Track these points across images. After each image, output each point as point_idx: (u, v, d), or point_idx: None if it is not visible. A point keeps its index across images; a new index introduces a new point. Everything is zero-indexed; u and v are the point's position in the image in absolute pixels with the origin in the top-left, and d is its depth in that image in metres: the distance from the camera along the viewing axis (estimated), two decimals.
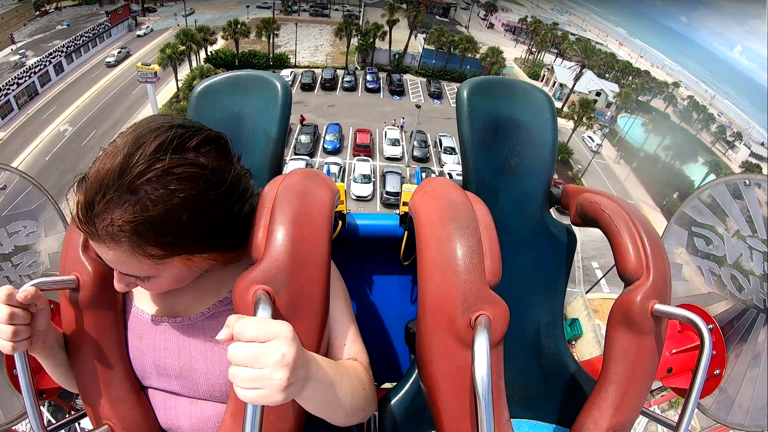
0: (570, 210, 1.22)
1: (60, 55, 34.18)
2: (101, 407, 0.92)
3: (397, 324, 1.65)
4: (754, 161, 38.35)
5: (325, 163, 24.74)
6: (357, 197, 23.21)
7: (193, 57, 33.60)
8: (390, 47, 40.28)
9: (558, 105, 37.61)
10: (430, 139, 29.49)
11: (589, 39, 53.37)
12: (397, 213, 1.40)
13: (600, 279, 20.32)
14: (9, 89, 28.67)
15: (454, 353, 0.83)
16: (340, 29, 38.43)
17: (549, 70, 45.05)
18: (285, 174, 0.96)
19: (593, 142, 35.41)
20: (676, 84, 48.22)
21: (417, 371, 1.01)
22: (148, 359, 0.93)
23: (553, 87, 42.09)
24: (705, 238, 1.33)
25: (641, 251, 0.93)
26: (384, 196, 23.24)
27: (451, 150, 27.67)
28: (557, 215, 1.34)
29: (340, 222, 1.33)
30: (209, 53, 36.17)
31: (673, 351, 1.28)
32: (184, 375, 0.91)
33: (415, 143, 27.87)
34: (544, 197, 1.27)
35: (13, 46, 34.56)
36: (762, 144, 41.46)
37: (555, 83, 42.47)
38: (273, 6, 47.88)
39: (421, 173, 24.75)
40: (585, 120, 32.57)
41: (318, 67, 38.42)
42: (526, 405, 1.26)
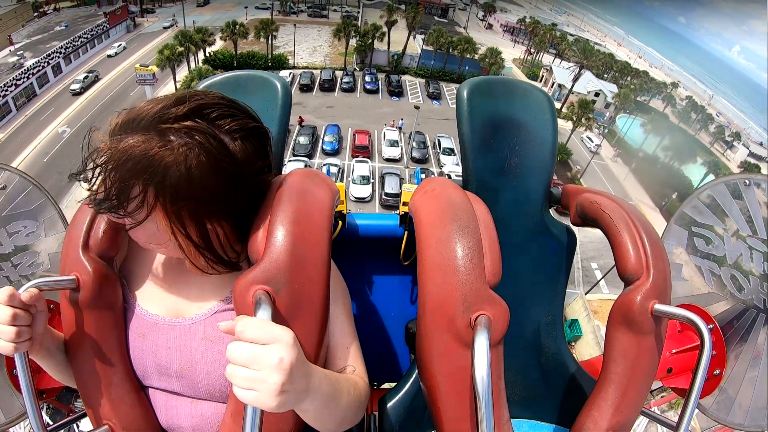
0: (570, 210, 1.22)
1: (58, 57, 34.08)
2: (101, 407, 0.92)
3: (397, 324, 1.65)
4: (752, 161, 38.41)
5: (324, 165, 24.70)
6: (356, 198, 23.17)
7: (192, 58, 33.56)
8: (389, 48, 40.31)
9: (557, 106, 37.64)
10: (428, 140, 29.47)
11: (588, 39, 53.44)
12: (397, 213, 1.40)
13: (599, 280, 20.32)
14: (7, 91, 28.57)
15: (454, 353, 0.83)
16: (338, 30, 38.42)
17: (548, 70, 45.07)
18: (285, 174, 0.96)
19: (592, 142, 35.44)
20: (674, 84, 48.29)
21: (417, 371, 1.01)
22: (149, 359, 0.93)
23: (552, 88, 42.11)
24: (705, 238, 1.33)
25: (641, 251, 0.93)
26: (383, 197, 23.22)
27: (450, 151, 27.66)
28: (557, 215, 1.34)
29: (340, 222, 1.34)
30: (208, 54, 36.13)
31: (673, 351, 1.28)
32: (184, 375, 0.91)
33: (414, 144, 27.85)
34: (544, 197, 1.27)
35: (12, 47, 34.46)
36: (761, 144, 41.54)
37: (553, 84, 42.50)
38: (272, 7, 47.93)
39: (421, 173, 24.73)
40: (584, 121, 32.60)
41: (316, 68, 38.41)
42: (526, 405, 1.26)
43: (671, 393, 1.43)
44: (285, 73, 34.67)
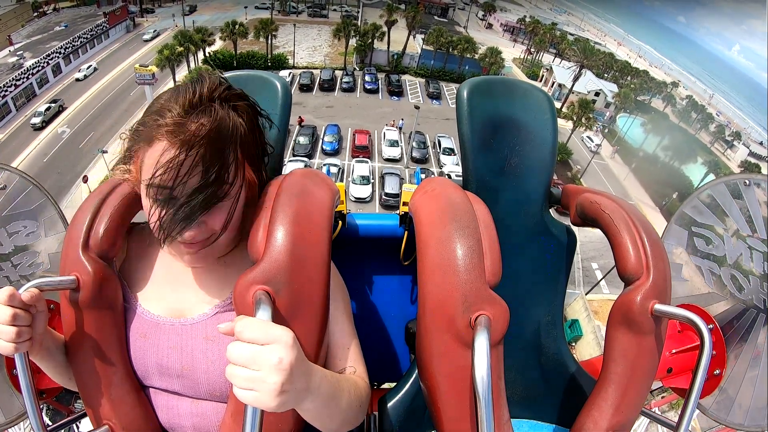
0: (570, 210, 1.22)
1: (58, 57, 34.10)
2: (101, 407, 0.92)
3: (397, 324, 1.65)
4: (753, 161, 38.41)
5: (324, 165, 24.70)
6: (356, 199, 23.16)
7: (192, 58, 33.53)
8: (388, 48, 40.32)
9: (557, 105, 37.64)
10: (429, 140, 29.48)
11: (588, 39, 53.43)
12: (397, 213, 1.40)
13: (600, 280, 20.30)
14: (6, 91, 28.59)
15: (454, 353, 0.83)
16: (338, 30, 38.41)
17: (548, 70, 45.10)
18: (285, 174, 0.96)
19: (592, 142, 35.43)
20: (674, 84, 48.32)
21: (417, 371, 1.01)
22: (150, 359, 0.93)
23: (552, 87, 42.12)
24: (705, 238, 1.33)
25: (641, 251, 0.93)
26: (383, 197, 23.22)
27: (450, 151, 27.66)
28: (557, 215, 1.34)
29: (340, 222, 1.34)
30: (207, 54, 36.12)
31: (673, 351, 1.28)
32: (185, 375, 0.91)
33: (414, 144, 27.87)
34: (544, 197, 1.27)
35: (11, 47, 34.49)
36: (761, 143, 41.54)
37: (554, 83, 42.52)
38: (272, 7, 47.92)
39: (421, 173, 24.74)
40: (584, 120, 32.59)
41: (316, 68, 38.42)
42: (526, 405, 1.26)
43: (672, 393, 1.43)
44: (285, 73, 34.67)
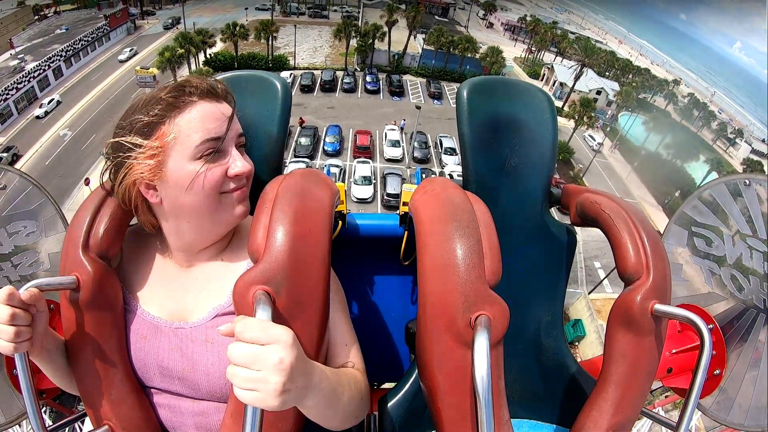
0: (570, 210, 1.22)
1: (59, 60, 34.13)
2: (102, 407, 0.93)
3: (397, 324, 1.65)
4: (755, 158, 38.23)
5: (325, 165, 24.69)
6: (358, 199, 23.15)
7: (192, 60, 33.56)
8: (389, 48, 40.29)
9: (558, 104, 37.60)
10: (430, 140, 29.47)
11: (589, 37, 53.29)
12: (397, 213, 1.40)
13: (603, 279, 20.25)
14: (8, 94, 28.63)
15: (454, 353, 0.83)
16: (339, 30, 38.41)
17: (549, 69, 44.99)
18: (285, 174, 0.96)
19: (594, 141, 35.36)
20: (676, 81, 48.07)
21: (417, 371, 1.01)
22: (151, 360, 0.93)
23: (554, 86, 42.05)
24: (705, 238, 1.33)
25: (641, 251, 0.93)
26: (385, 198, 23.20)
27: (452, 151, 27.64)
28: (558, 215, 1.34)
29: (340, 222, 1.34)
30: (208, 56, 36.14)
31: (673, 351, 1.28)
32: (186, 376, 0.91)
33: (416, 144, 27.87)
34: (544, 197, 1.27)
35: (12, 50, 34.52)
36: (763, 141, 41.35)
37: (555, 82, 42.44)
38: (272, 8, 47.94)
39: (421, 173, 24.78)
40: (585, 119, 32.53)
41: (317, 69, 38.41)
42: (526, 405, 1.26)
43: (674, 394, 1.43)
44: (286, 74, 34.67)
